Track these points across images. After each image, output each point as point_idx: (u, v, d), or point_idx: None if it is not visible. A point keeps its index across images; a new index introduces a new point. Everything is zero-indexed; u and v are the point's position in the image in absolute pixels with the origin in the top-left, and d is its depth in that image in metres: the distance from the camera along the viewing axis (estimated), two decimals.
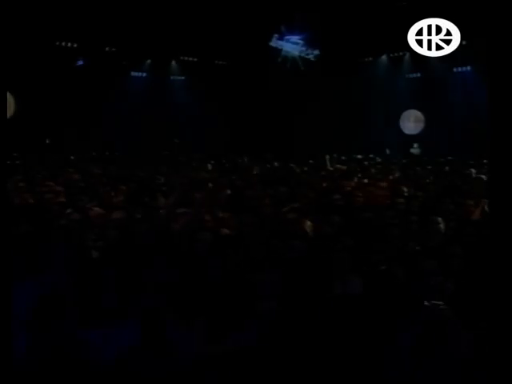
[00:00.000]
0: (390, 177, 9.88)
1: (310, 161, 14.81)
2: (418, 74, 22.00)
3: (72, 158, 14.82)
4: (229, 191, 7.78)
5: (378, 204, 6.54)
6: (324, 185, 8.20)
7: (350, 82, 21.36)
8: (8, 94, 18.29)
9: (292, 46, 21.65)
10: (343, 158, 16.88)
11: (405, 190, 8.08)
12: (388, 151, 21.33)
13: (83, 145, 19.08)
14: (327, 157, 14.84)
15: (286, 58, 21.94)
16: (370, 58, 22.55)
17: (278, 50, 21.78)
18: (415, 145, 22.66)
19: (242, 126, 21.63)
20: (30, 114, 18.84)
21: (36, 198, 7.25)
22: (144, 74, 23.08)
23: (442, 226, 5.73)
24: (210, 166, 12.75)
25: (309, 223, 5.36)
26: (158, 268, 3.85)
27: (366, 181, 9.15)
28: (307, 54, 21.50)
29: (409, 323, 3.39)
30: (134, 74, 22.88)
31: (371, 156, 17.68)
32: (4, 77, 3.62)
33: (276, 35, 21.56)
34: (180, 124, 22.60)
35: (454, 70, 21.01)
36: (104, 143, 20.23)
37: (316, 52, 21.41)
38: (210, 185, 7.75)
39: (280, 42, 21.66)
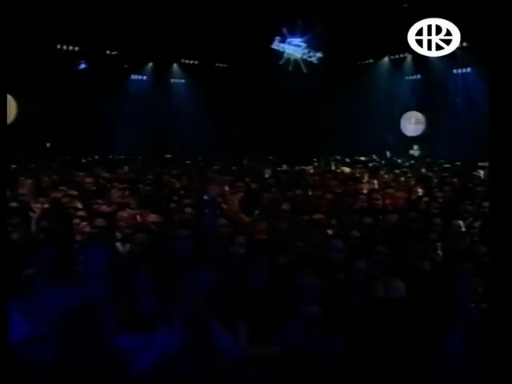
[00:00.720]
0: (402, 178, 9.89)
1: (315, 163, 14.84)
2: (418, 76, 22.07)
3: (83, 161, 14.77)
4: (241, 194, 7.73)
5: (398, 206, 6.54)
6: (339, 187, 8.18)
7: (351, 84, 21.40)
8: (10, 97, 18.23)
9: (294, 48, 21.67)
10: (347, 159, 16.95)
11: (419, 191, 8.13)
12: (388, 153, 21.41)
13: (85, 148, 19.03)
14: (331, 159, 14.92)
15: (288, 60, 21.97)
16: (371, 60, 22.61)
17: (279, 53, 21.81)
18: (415, 146, 22.75)
19: (244, 129, 21.61)
20: (31, 118, 18.73)
21: (50, 202, 7.18)
22: (144, 77, 23.03)
23: (463, 229, 5.79)
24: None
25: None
26: (197, 271, 3.83)
27: (375, 182, 9.18)
28: (310, 57, 21.53)
29: (455, 324, 3.40)
30: (134, 77, 22.83)
31: (375, 158, 17.71)
32: (6, 80, 3.58)
33: (278, 37, 21.60)
34: (180, 126, 22.57)
35: (454, 71, 21.10)
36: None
37: (318, 54, 21.44)
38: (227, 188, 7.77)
39: (282, 45, 21.70)
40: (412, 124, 22.90)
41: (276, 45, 21.71)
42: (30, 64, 17.81)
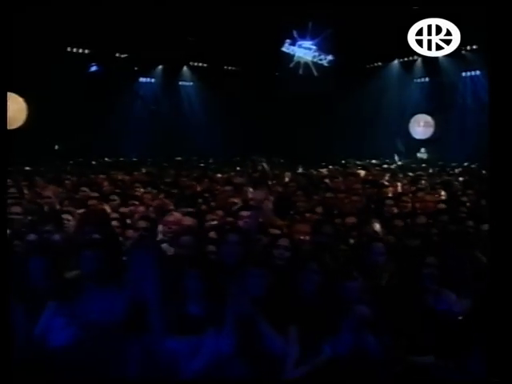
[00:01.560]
0: (423, 181, 9.87)
1: (330, 166, 14.84)
2: (428, 79, 22.08)
3: (94, 163, 14.77)
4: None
5: (428, 210, 6.52)
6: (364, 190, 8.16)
7: (361, 87, 21.41)
8: (21, 99, 18.28)
9: (304, 51, 21.69)
10: (357, 162, 16.95)
11: (443, 194, 8.12)
12: (396, 157, 21.39)
13: (94, 150, 19.06)
14: (348, 162, 14.89)
15: (298, 63, 21.98)
16: (380, 63, 22.63)
17: (290, 56, 21.82)
18: (422, 149, 22.72)
19: (253, 132, 21.61)
20: (41, 120, 18.73)
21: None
22: (153, 80, 23.06)
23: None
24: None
25: (378, 226, 5.38)
26: (246, 275, 3.82)
27: (399, 185, 9.18)
28: (320, 60, 21.55)
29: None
30: (143, 79, 22.85)
31: (387, 161, 17.70)
32: (8, 81, 3.57)
33: (288, 40, 21.62)
34: (189, 129, 22.58)
35: (463, 74, 21.11)
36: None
37: (329, 57, 21.45)
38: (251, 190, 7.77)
39: (292, 48, 21.73)
40: (421, 127, 22.88)
41: (286, 47, 21.75)
42: (41, 67, 17.84)
